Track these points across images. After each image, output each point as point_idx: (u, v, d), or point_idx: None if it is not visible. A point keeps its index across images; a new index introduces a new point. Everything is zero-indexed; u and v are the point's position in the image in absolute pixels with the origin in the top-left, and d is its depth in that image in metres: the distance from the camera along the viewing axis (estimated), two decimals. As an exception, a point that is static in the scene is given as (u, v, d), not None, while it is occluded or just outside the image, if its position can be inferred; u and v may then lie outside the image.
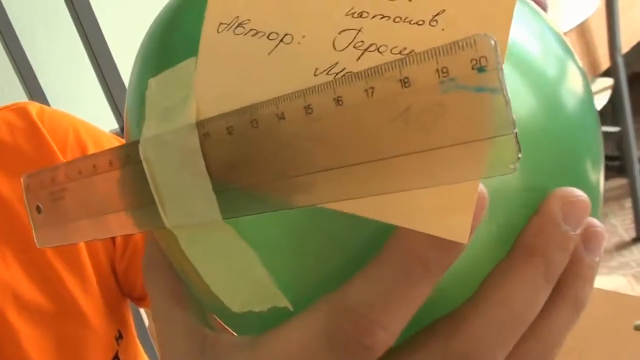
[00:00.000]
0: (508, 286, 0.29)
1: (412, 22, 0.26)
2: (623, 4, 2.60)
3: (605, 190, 2.22)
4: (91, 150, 0.78)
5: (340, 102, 0.24)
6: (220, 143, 0.27)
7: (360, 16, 0.26)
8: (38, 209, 0.37)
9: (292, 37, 0.28)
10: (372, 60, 0.26)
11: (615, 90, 2.60)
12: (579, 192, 0.30)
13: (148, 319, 1.55)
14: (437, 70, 0.22)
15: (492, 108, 0.21)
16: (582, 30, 2.50)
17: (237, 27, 0.29)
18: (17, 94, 1.73)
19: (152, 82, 0.32)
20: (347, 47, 0.26)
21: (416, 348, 0.30)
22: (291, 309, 0.31)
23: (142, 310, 1.51)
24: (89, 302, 0.76)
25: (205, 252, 0.32)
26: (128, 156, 0.31)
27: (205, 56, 0.30)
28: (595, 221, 0.31)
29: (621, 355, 0.84)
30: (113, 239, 0.78)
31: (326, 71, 0.26)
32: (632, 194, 2.75)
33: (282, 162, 0.26)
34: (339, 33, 0.27)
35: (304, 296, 0.30)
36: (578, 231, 0.30)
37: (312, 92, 0.25)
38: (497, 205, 0.28)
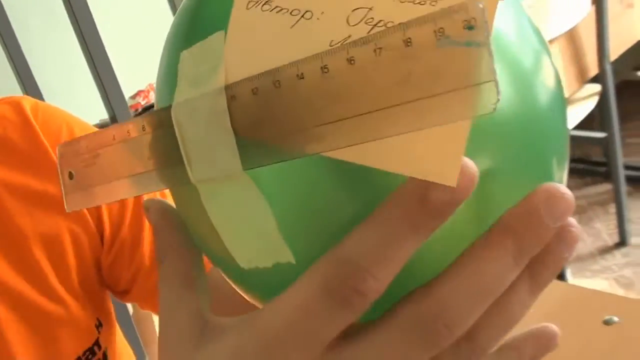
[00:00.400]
0: (481, 260, 0.32)
1: (415, 2, 0.29)
2: (613, 12, 2.63)
3: (591, 195, 2.26)
4: None
5: (353, 62, 0.27)
6: (245, 103, 0.31)
7: (371, 9, 0.30)
8: (70, 175, 0.40)
9: (312, 14, 0.31)
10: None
11: (603, 96, 2.63)
12: (565, 190, 0.32)
13: (133, 308, 1.57)
14: (435, 30, 0.26)
15: (479, 59, 0.25)
16: (572, 36, 2.52)
17: (264, 4, 0.32)
18: (11, 85, 1.75)
19: (185, 53, 0.35)
20: (359, 22, 0.30)
21: (392, 312, 0.32)
22: (293, 262, 0.34)
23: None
24: (68, 291, 0.78)
25: (223, 205, 0.35)
26: (160, 120, 0.34)
27: (235, 29, 0.33)
28: (573, 222, 0.34)
29: (590, 348, 0.87)
30: (101, 233, 0.80)
31: (340, 43, 0.30)
32: (616, 199, 2.79)
33: (301, 116, 0.29)
34: (352, 11, 0.30)
35: (306, 254, 0.33)
36: (556, 225, 0.32)
37: (328, 54, 0.28)
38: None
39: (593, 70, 2.63)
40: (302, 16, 0.31)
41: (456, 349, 0.34)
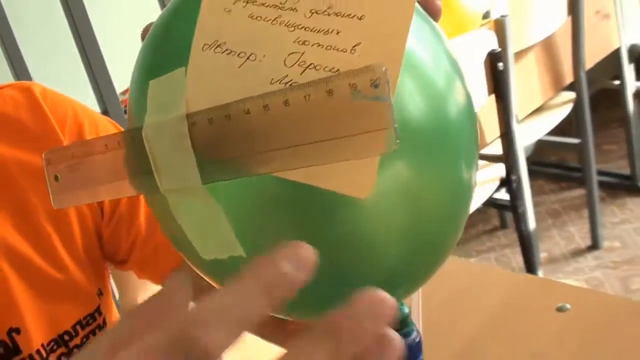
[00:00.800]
0: (302, 354, 0.34)
1: (339, 50, 0.38)
2: (589, 22, 2.71)
3: (565, 200, 2.34)
4: (87, 128, 0.87)
5: (288, 104, 0.35)
6: (203, 130, 0.39)
7: (304, 44, 0.39)
8: (56, 178, 0.47)
9: (256, 56, 0.39)
10: (311, 75, 0.38)
11: (578, 104, 2.71)
12: (387, 297, 0.35)
13: (118, 292, 1.64)
14: (350, 84, 0.34)
15: (382, 111, 0.34)
16: (548, 44, 2.60)
17: (216, 47, 0.41)
18: (4, 77, 1.81)
19: (153, 83, 0.43)
20: (294, 64, 0.38)
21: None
22: (244, 255, 0.43)
23: (113, 285, 1.59)
24: (73, 259, 0.85)
25: (187, 210, 0.43)
26: (133, 137, 0.42)
27: (193, 68, 0.41)
28: (394, 334, 0.36)
29: (544, 332, 0.94)
30: (101, 207, 0.88)
31: (279, 81, 0.38)
32: (589, 204, 2.87)
33: (247, 144, 0.37)
34: (289, 55, 0.38)
35: (254, 248, 0.42)
36: (377, 329, 0.35)
37: (269, 95, 0.36)
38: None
39: (568, 78, 2.71)
40: (248, 58, 0.39)
41: None
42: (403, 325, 0.55)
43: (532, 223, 2.45)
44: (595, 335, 0.92)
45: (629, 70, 3.03)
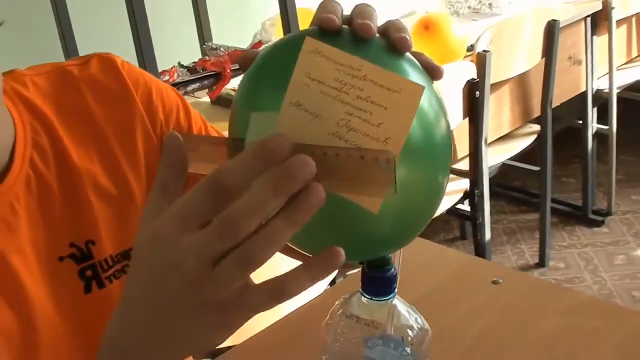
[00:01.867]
0: (256, 193, 0.58)
1: (370, 123, 0.60)
2: (562, 65, 3.04)
3: (521, 221, 2.72)
4: (154, 91, 1.12)
5: (338, 156, 0.59)
6: None
7: (350, 114, 0.60)
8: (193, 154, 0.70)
9: (321, 117, 0.62)
10: (351, 135, 0.61)
11: (541, 136, 3.03)
12: (308, 161, 0.58)
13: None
14: (375, 157, 0.58)
15: (390, 177, 0.57)
16: (522, 80, 2.93)
17: (297, 106, 0.62)
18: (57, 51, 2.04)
19: (254, 115, 0.64)
20: (342, 126, 0.61)
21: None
22: None
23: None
24: (140, 191, 1.11)
25: None
26: (235, 144, 0.66)
27: (282, 115, 0.62)
28: (319, 189, 0.59)
29: (482, 303, 1.25)
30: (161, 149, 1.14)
31: (333, 134, 0.61)
32: (541, 227, 3.21)
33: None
34: (340, 119, 0.61)
35: None
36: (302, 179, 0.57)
37: (329, 148, 0.59)
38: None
39: (536, 112, 3.04)
40: (315, 117, 0.62)
41: (237, 250, 0.59)
42: (387, 263, 0.80)
43: (487, 234, 2.77)
44: (516, 296, 1.25)
45: (591, 112, 3.38)
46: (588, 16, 3.19)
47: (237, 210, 0.57)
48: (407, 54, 0.68)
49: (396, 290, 0.79)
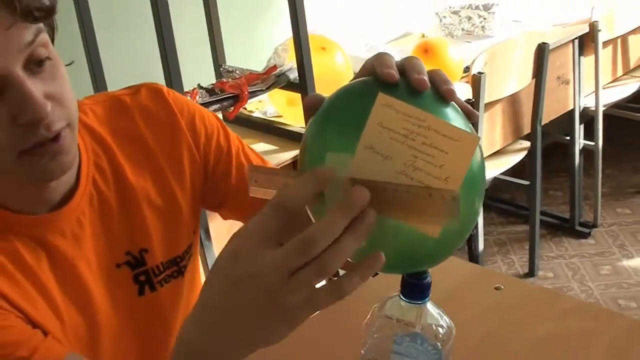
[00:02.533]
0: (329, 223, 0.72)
1: (433, 165, 0.74)
2: (551, 85, 3.20)
3: (511, 233, 2.89)
4: (197, 117, 1.25)
5: (408, 192, 0.73)
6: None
7: (416, 157, 0.74)
8: (255, 182, 0.83)
9: (391, 158, 0.75)
10: (417, 174, 0.74)
11: (531, 152, 3.19)
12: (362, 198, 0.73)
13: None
14: (441, 195, 0.72)
15: (455, 209, 0.71)
16: (513, 99, 3.09)
17: (371, 148, 0.75)
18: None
19: (330, 155, 0.77)
20: (409, 166, 0.74)
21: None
22: None
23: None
24: (186, 205, 1.24)
25: None
26: None
27: (357, 156, 0.75)
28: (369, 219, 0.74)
29: (486, 307, 1.40)
30: (206, 171, 1.26)
31: (400, 173, 0.75)
32: (531, 238, 3.37)
33: (379, 204, 0.74)
34: (407, 160, 0.74)
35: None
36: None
37: (400, 185, 0.74)
38: None
39: (527, 130, 3.20)
40: (386, 158, 0.75)
41: (315, 262, 0.72)
42: (424, 272, 0.93)
43: (481, 245, 2.93)
44: (516, 301, 1.40)
45: (579, 129, 3.54)
46: (576, 38, 3.34)
47: (314, 232, 0.72)
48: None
49: (430, 294, 0.93)
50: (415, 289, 0.92)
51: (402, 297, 0.93)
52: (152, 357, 1.23)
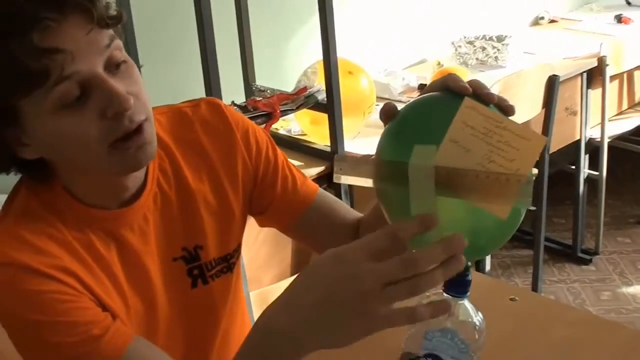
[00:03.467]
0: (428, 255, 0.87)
1: (505, 159, 0.88)
2: (559, 115, 3.32)
3: (515, 256, 3.02)
4: (250, 130, 1.37)
5: (488, 177, 0.86)
6: (440, 175, 0.88)
7: (491, 152, 0.88)
8: (340, 170, 0.96)
9: (470, 151, 0.89)
10: (492, 165, 0.88)
11: (538, 179, 3.29)
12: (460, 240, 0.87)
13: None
14: (518, 180, 0.86)
15: (529, 190, 0.86)
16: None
17: (455, 142, 0.87)
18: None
19: (417, 147, 0.90)
20: (485, 158, 0.88)
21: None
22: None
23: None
24: (237, 208, 1.37)
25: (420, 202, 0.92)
26: (392, 164, 0.93)
27: (442, 148, 0.88)
28: (462, 258, 0.88)
29: (504, 313, 1.53)
30: (255, 177, 1.38)
31: (478, 164, 0.88)
32: (534, 262, 3.47)
33: (460, 190, 0.89)
34: (484, 154, 0.88)
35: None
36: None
37: (482, 172, 0.89)
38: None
39: (535, 157, 3.29)
40: (467, 151, 0.88)
41: (409, 282, 0.86)
42: (468, 269, 1.04)
43: (487, 266, 3.05)
44: (529, 311, 1.52)
45: (584, 159, 3.66)
46: (584, 72, 3.47)
47: (419, 256, 0.86)
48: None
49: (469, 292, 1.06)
50: (460, 284, 1.05)
51: (445, 292, 1.05)
52: (198, 345, 1.36)
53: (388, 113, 1.00)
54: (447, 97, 0.95)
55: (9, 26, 0.99)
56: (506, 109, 0.95)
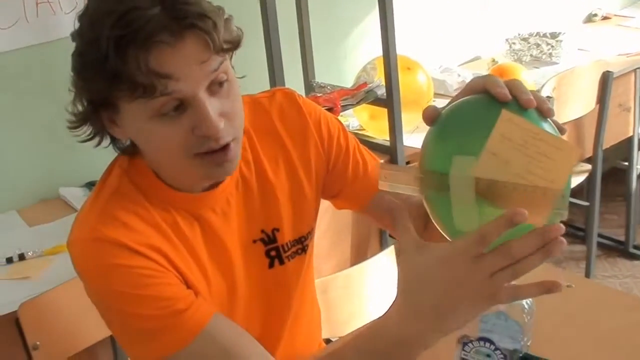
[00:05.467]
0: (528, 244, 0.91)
1: (542, 169, 0.90)
2: (613, 112, 3.34)
3: (567, 252, 3.05)
4: (322, 119, 1.44)
5: (527, 190, 0.90)
6: (480, 186, 0.93)
7: (529, 163, 0.90)
8: (384, 178, 1.00)
9: (508, 163, 0.91)
10: (530, 177, 0.91)
11: (592, 174, 3.34)
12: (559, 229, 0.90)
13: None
14: (553, 194, 0.90)
15: (566, 204, 0.91)
16: (577, 124, 3.26)
17: (493, 154, 0.91)
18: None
19: (456, 158, 0.94)
20: (523, 169, 0.91)
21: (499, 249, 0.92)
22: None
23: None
24: (311, 192, 1.43)
25: (461, 210, 0.97)
26: (434, 174, 0.97)
27: (481, 160, 0.90)
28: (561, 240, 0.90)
29: (558, 303, 1.57)
30: (328, 165, 1.45)
31: (516, 175, 0.91)
32: (588, 258, 3.52)
33: (498, 199, 0.93)
34: (522, 165, 0.91)
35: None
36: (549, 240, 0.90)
37: (519, 185, 0.91)
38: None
39: (588, 153, 3.34)
40: (505, 163, 0.91)
41: (511, 267, 0.91)
42: None
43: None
44: (585, 298, 1.58)
45: (637, 155, 3.66)
46: (638, 68, 3.47)
47: (518, 247, 0.90)
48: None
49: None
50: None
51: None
52: (274, 324, 1.43)
53: (430, 116, 1.03)
54: (486, 103, 0.98)
55: (130, 38, 1.06)
56: (546, 112, 0.98)
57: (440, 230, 1.02)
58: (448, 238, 1.01)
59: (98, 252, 1.17)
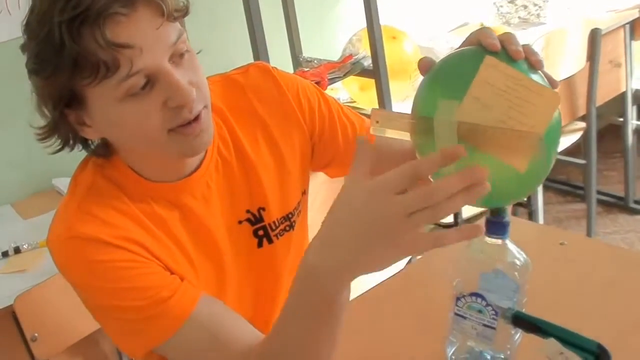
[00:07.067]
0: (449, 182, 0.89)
1: (522, 113, 0.92)
2: (603, 68, 3.35)
3: (568, 211, 3.07)
4: (300, 90, 1.42)
5: (504, 133, 0.92)
6: (461, 129, 0.94)
7: (510, 108, 0.92)
8: (377, 122, 0.99)
9: (491, 108, 0.91)
10: (510, 121, 0.91)
11: (587, 132, 3.35)
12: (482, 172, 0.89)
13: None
14: (529, 137, 0.91)
15: (542, 144, 0.92)
16: (569, 83, 3.26)
17: (476, 99, 0.93)
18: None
19: (442, 102, 0.95)
20: (504, 114, 0.93)
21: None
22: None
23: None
24: (294, 165, 1.42)
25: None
26: (424, 119, 0.98)
27: (463, 104, 0.94)
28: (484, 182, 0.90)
29: (555, 256, 1.59)
30: (311, 135, 1.43)
31: (498, 121, 0.92)
32: (588, 216, 3.54)
33: (479, 140, 0.94)
34: (503, 109, 0.93)
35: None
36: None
37: (499, 128, 0.92)
38: None
39: (582, 111, 3.36)
40: (486, 107, 0.92)
41: (431, 208, 0.88)
42: (504, 211, 1.12)
43: (541, 220, 3.09)
44: (578, 254, 1.59)
45: (631, 110, 3.69)
46: (627, 23, 3.49)
47: (436, 187, 0.89)
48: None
49: (509, 232, 1.13)
50: (498, 225, 1.12)
51: (487, 234, 1.12)
52: (265, 302, 1.43)
53: (425, 66, 1.03)
54: (477, 53, 0.99)
55: (83, 17, 1.05)
56: (535, 64, 0.98)
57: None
58: None
59: (77, 250, 1.17)
